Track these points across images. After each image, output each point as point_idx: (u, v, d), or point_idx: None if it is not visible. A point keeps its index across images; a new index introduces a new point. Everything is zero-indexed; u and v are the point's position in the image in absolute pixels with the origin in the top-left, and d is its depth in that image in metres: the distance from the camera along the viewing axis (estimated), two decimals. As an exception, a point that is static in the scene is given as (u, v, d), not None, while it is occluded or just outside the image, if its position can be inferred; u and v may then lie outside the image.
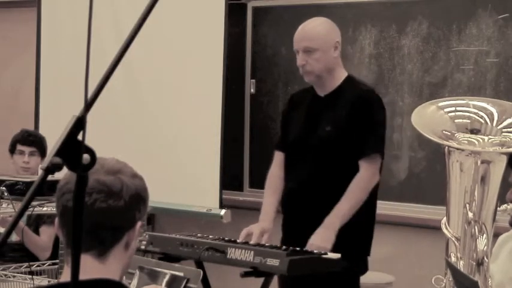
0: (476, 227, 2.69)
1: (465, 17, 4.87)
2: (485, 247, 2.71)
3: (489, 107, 2.90)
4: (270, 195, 3.94)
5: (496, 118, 2.85)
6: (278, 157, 3.99)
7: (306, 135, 3.85)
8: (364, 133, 3.74)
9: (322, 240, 3.64)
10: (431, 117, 2.90)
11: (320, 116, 3.84)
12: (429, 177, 4.94)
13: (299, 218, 3.79)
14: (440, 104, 2.98)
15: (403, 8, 5.10)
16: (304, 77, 3.90)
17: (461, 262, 2.72)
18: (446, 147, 2.77)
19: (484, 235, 2.71)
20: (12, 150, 5.07)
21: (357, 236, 3.80)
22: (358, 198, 3.71)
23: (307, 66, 3.81)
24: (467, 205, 2.71)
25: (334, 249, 3.60)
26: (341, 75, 3.89)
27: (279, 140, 4.04)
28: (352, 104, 3.77)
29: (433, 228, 4.45)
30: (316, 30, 3.83)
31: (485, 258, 2.72)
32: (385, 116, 3.86)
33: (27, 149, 5.01)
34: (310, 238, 3.66)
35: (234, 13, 5.57)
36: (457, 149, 2.73)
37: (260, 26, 5.67)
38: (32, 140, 5.04)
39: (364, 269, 3.89)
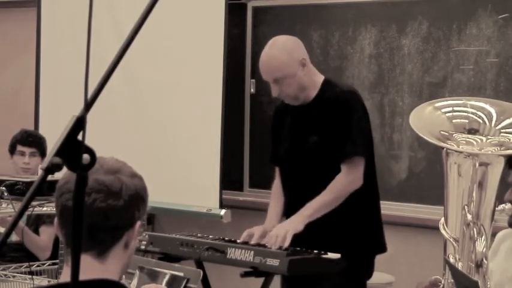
0: (474, 229, 2.69)
1: (465, 17, 4.87)
2: (484, 249, 2.71)
3: (487, 107, 2.90)
4: (274, 201, 3.94)
5: (494, 118, 2.84)
6: (278, 170, 3.99)
7: (294, 149, 3.83)
8: (343, 136, 3.69)
9: (286, 223, 3.66)
10: (428, 118, 2.90)
11: (304, 127, 3.81)
12: (429, 177, 4.94)
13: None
14: (437, 104, 2.98)
15: (403, 8, 5.10)
16: (284, 101, 3.88)
17: (460, 264, 2.72)
18: (444, 148, 2.77)
19: (483, 237, 2.70)
20: (12, 150, 5.06)
21: (360, 238, 3.78)
22: (334, 196, 3.67)
23: (282, 93, 3.78)
24: (465, 207, 2.70)
25: (336, 251, 3.59)
26: (318, 82, 3.82)
27: (272, 154, 4.01)
28: (330, 109, 3.72)
29: (433, 228, 4.44)
30: (277, 59, 3.75)
31: (484, 260, 2.72)
32: (365, 115, 3.78)
33: (27, 150, 5.01)
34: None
35: (234, 13, 5.57)
36: (455, 151, 2.73)
37: (260, 26, 5.67)
38: (31, 140, 5.04)
39: (369, 271, 3.87)
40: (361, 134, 3.74)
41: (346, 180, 3.69)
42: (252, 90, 5.70)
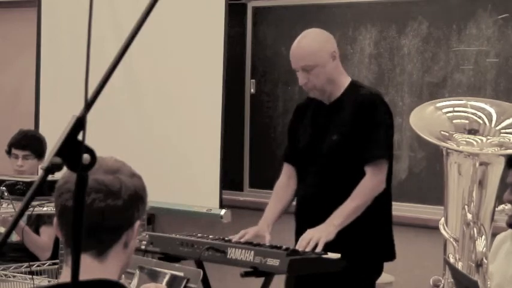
0: (475, 229, 2.69)
1: (465, 17, 4.87)
2: (484, 248, 2.71)
3: (487, 107, 2.91)
4: (272, 201, 3.94)
5: (494, 119, 2.85)
6: (286, 168, 3.97)
7: (314, 145, 3.81)
8: (368, 138, 3.69)
9: (318, 230, 3.61)
10: (429, 118, 2.90)
11: (326, 125, 3.80)
12: (429, 177, 4.94)
13: (311, 227, 3.75)
14: (438, 104, 2.98)
15: (403, 8, 5.10)
16: (309, 93, 3.88)
17: (460, 263, 2.72)
18: (445, 148, 2.77)
19: (483, 236, 2.71)
20: (9, 152, 5.06)
21: (371, 244, 3.77)
22: (362, 201, 3.66)
23: (309, 83, 3.77)
24: (465, 206, 2.71)
25: (343, 252, 3.58)
26: (344, 81, 3.84)
27: (286, 151, 4.01)
28: (355, 109, 3.73)
29: (433, 228, 4.43)
30: (310, 47, 3.77)
31: (484, 260, 2.72)
32: (390, 119, 3.79)
33: (20, 153, 4.98)
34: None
35: (234, 13, 5.57)
36: (455, 150, 2.73)
37: (260, 26, 5.67)
38: (24, 144, 5.00)
39: (378, 272, 3.87)
40: (386, 137, 3.75)
41: (372, 183, 3.68)
42: (252, 90, 5.70)
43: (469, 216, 2.70)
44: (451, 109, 2.94)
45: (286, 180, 3.95)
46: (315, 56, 3.75)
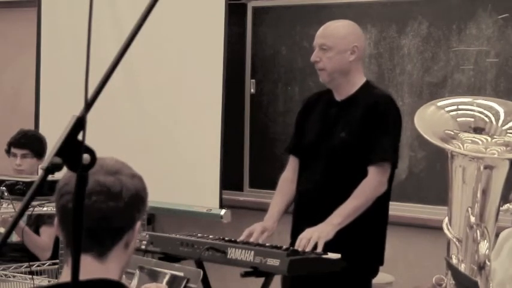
0: (478, 231, 2.68)
1: (465, 17, 4.87)
2: (487, 250, 2.71)
3: (495, 106, 2.89)
4: (277, 197, 3.94)
5: (502, 118, 2.83)
6: (292, 162, 3.96)
7: (321, 140, 3.81)
8: (375, 139, 3.69)
9: (317, 229, 3.61)
10: (432, 118, 2.89)
11: (335, 121, 3.80)
12: (429, 177, 4.94)
13: (308, 222, 3.74)
14: (440, 103, 2.97)
15: (403, 8, 5.10)
16: (319, 77, 3.88)
17: (463, 265, 2.72)
18: (449, 151, 2.76)
19: (486, 239, 2.70)
20: (9, 151, 5.07)
21: (364, 241, 3.77)
22: (362, 201, 3.65)
23: (320, 63, 3.80)
24: (469, 209, 2.70)
25: (338, 251, 3.58)
26: (359, 81, 3.84)
27: (292, 143, 3.99)
28: (366, 109, 3.73)
29: (433, 228, 4.45)
30: (336, 30, 3.82)
31: (486, 262, 2.71)
32: (400, 123, 3.80)
33: (19, 152, 4.99)
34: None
35: (234, 13, 5.57)
36: (460, 153, 2.72)
37: (260, 26, 5.67)
38: (23, 142, 5.01)
39: (372, 272, 3.87)
40: (394, 141, 3.76)
41: (374, 184, 3.68)
42: (252, 90, 5.70)
43: (473, 218, 2.69)
44: (454, 107, 2.93)
45: (292, 175, 3.93)
46: (335, 39, 3.78)
